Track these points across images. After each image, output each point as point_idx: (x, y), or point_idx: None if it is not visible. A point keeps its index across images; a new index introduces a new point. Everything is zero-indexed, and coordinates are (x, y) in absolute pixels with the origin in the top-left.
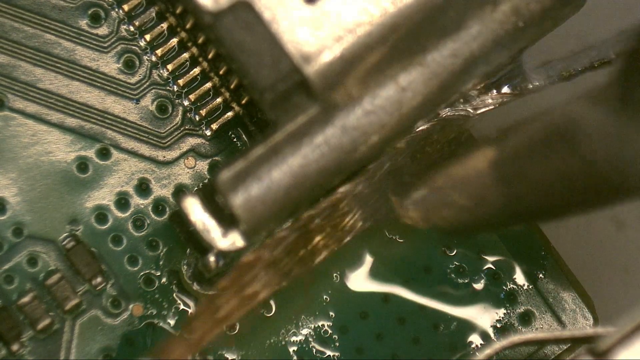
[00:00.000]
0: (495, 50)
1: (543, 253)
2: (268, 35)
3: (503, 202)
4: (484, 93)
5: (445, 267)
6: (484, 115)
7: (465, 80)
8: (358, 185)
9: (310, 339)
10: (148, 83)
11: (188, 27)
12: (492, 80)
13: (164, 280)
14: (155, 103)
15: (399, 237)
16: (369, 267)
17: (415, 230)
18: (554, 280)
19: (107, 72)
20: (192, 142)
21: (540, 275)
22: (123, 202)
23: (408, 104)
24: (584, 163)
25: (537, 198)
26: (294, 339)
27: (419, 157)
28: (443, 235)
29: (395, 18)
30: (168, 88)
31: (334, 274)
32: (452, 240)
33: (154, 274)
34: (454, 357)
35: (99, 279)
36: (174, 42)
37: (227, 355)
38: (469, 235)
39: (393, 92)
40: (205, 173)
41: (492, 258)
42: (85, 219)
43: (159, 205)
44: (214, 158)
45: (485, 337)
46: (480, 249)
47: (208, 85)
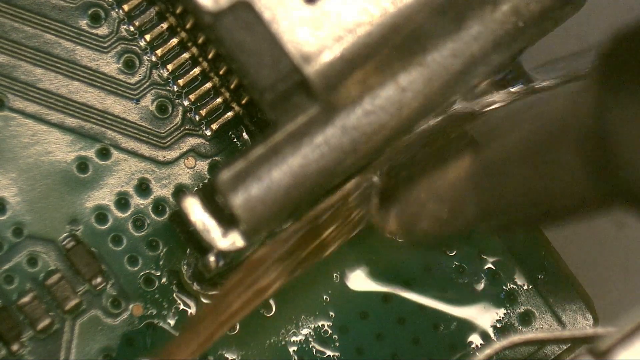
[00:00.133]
0: (495, 51)
1: (543, 253)
2: (268, 35)
3: (480, 213)
4: (492, 91)
5: (445, 267)
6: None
7: (466, 81)
8: (367, 179)
9: (310, 339)
10: (148, 83)
11: (188, 27)
12: (499, 78)
13: (164, 280)
14: (155, 103)
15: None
16: (369, 267)
17: None
18: (554, 280)
19: (107, 72)
20: (192, 142)
21: (540, 275)
22: (123, 202)
23: (408, 104)
24: (564, 172)
25: (514, 209)
26: (294, 339)
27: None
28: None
29: (395, 18)
30: (168, 88)
31: (334, 274)
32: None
33: (154, 274)
34: (454, 357)
35: (99, 279)
36: (174, 42)
37: (227, 355)
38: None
39: (393, 92)
40: (205, 173)
41: (492, 258)
42: (85, 219)
43: (159, 205)
44: (214, 158)
45: (485, 337)
46: (480, 249)
47: (208, 85)
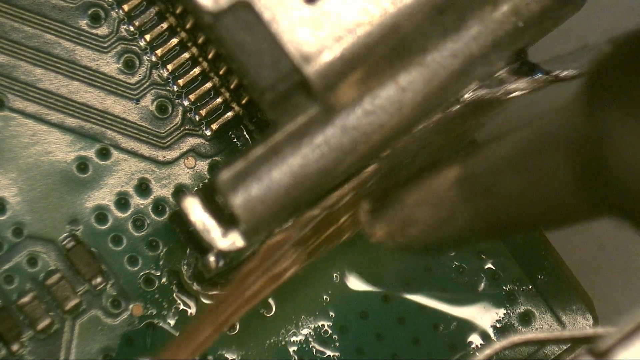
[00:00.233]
0: (495, 51)
1: (543, 253)
2: (268, 35)
3: (469, 220)
4: (514, 78)
5: (445, 267)
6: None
7: (466, 81)
8: (383, 165)
9: (310, 339)
10: (148, 83)
11: (188, 27)
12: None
13: (164, 280)
14: (155, 103)
15: None
16: (369, 267)
17: None
18: (554, 281)
19: (107, 72)
20: (192, 142)
21: (540, 276)
22: (123, 202)
23: (408, 104)
24: (555, 180)
25: (504, 216)
26: (294, 339)
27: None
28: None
29: (395, 18)
30: (168, 88)
31: (334, 274)
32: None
33: (154, 274)
34: (454, 357)
35: (99, 279)
36: (174, 42)
37: (227, 355)
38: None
39: (393, 92)
40: (205, 173)
41: (492, 258)
42: (85, 219)
43: (159, 205)
44: (214, 158)
45: (485, 337)
46: (480, 249)
47: (208, 85)
